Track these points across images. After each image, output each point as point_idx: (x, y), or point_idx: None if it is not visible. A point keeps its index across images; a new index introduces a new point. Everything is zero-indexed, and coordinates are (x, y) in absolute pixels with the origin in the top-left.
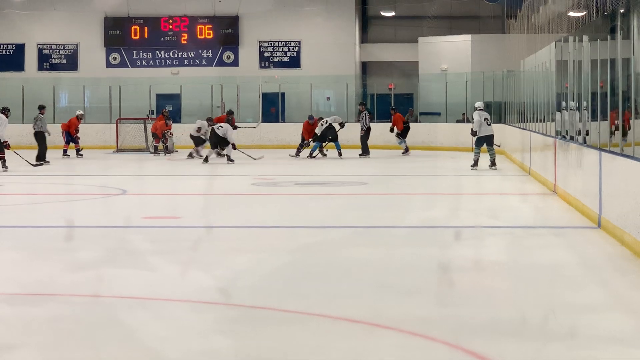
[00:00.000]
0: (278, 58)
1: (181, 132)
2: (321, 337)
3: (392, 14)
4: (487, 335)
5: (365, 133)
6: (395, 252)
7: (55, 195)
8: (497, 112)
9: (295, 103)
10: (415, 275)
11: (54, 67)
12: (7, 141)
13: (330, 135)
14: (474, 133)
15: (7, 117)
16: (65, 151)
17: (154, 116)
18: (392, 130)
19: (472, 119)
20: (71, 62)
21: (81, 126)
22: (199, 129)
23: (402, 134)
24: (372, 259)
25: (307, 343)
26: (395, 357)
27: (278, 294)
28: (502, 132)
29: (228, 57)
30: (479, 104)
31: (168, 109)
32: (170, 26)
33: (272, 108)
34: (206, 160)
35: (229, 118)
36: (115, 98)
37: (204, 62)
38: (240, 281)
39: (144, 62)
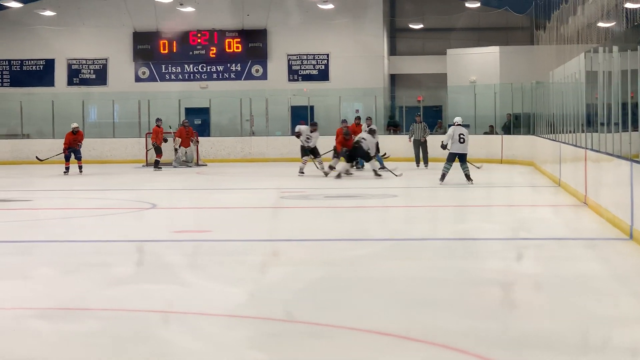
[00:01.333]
0: (307, 71)
1: (210, 146)
2: (353, 350)
3: (421, 26)
4: (519, 348)
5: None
6: (427, 264)
7: (86, 210)
8: (527, 123)
9: (324, 116)
10: (447, 288)
11: (84, 82)
12: None
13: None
14: (443, 147)
15: None
16: (67, 169)
17: (173, 130)
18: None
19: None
20: (100, 76)
21: (109, 140)
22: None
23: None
24: (403, 272)
25: (339, 357)
26: None
27: (309, 307)
28: (532, 144)
29: (257, 71)
30: (457, 119)
31: (197, 122)
32: (199, 40)
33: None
34: (339, 176)
35: (373, 128)
36: (144, 112)
37: (232, 75)
38: (272, 295)
39: (172, 76)
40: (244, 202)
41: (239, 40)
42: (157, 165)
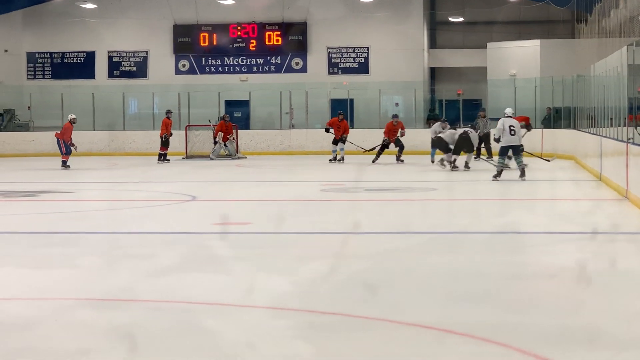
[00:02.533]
0: (346, 64)
1: (249, 139)
2: (393, 343)
3: (461, 19)
4: (560, 342)
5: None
6: (468, 258)
7: (127, 202)
8: (567, 117)
9: (364, 109)
10: (488, 282)
11: (124, 75)
12: None
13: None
14: (496, 140)
15: None
16: (64, 162)
17: (214, 122)
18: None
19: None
20: (141, 69)
21: (149, 133)
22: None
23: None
24: (444, 265)
25: (380, 350)
26: None
27: (350, 300)
28: (573, 138)
29: (297, 64)
30: (507, 110)
31: (237, 115)
32: (239, 33)
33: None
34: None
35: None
36: (184, 105)
37: (272, 68)
38: (315, 287)
39: (212, 69)
40: (283, 195)
41: (279, 33)
42: (161, 158)
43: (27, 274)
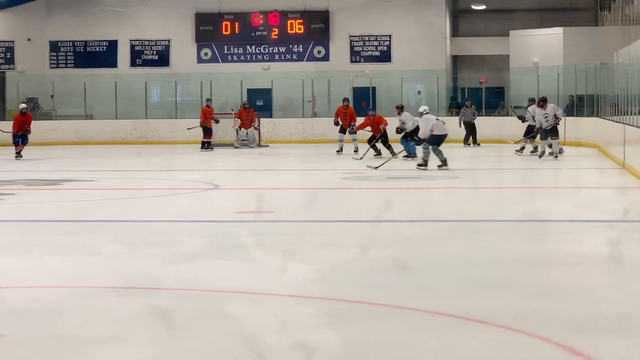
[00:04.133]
0: (369, 52)
1: (272, 127)
2: (415, 331)
3: (483, 7)
4: (583, 330)
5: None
6: (490, 246)
7: (150, 190)
8: (590, 105)
9: (386, 97)
10: (511, 269)
11: (146, 63)
12: None
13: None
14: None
15: None
16: (18, 153)
17: (234, 111)
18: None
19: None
20: (163, 58)
21: (171, 121)
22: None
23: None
24: (466, 253)
25: (403, 337)
26: (491, 352)
27: (374, 287)
28: (597, 126)
29: (319, 52)
30: (423, 108)
31: (259, 103)
32: (261, 21)
33: (363, 102)
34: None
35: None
36: (206, 93)
37: (294, 57)
38: (337, 275)
39: (234, 58)
40: (305, 183)
41: (301, 21)
42: (204, 146)
43: (52, 261)
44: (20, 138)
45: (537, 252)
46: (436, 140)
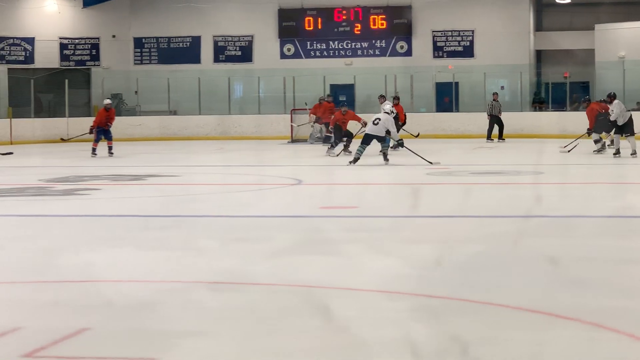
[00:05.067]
0: (451, 47)
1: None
2: (502, 327)
3: (568, 0)
4: None
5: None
6: (579, 242)
7: (235, 185)
8: None
9: (469, 93)
10: (599, 266)
11: (229, 59)
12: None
13: None
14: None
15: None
16: (93, 150)
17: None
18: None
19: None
20: (246, 53)
21: (254, 117)
22: None
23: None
24: (554, 249)
25: (489, 332)
26: (580, 348)
27: (460, 283)
28: None
29: (401, 47)
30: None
31: (341, 99)
32: (344, 17)
33: (446, 98)
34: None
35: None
36: (289, 89)
37: (377, 52)
38: (425, 271)
39: (317, 53)
40: (389, 179)
41: (383, 16)
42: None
43: (142, 255)
44: (104, 134)
45: (627, 249)
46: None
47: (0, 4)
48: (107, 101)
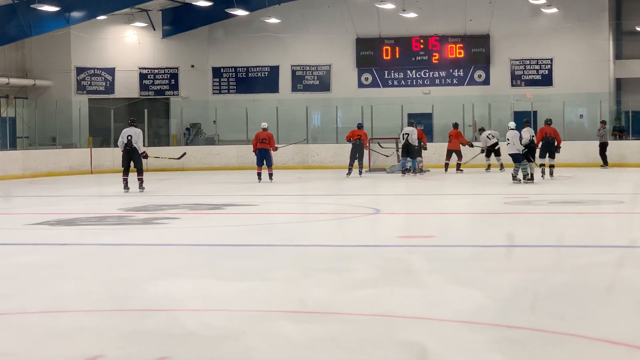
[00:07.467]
0: (529, 76)
1: (432, 152)
2: (585, 358)
3: None
4: None
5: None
6: None
7: (312, 214)
8: None
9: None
10: None
11: (307, 88)
12: (144, 152)
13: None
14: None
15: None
16: (259, 174)
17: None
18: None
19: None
20: (324, 82)
21: (333, 146)
22: None
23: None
24: (639, 280)
25: None
26: None
27: (544, 314)
28: None
29: (479, 76)
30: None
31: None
32: (422, 46)
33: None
34: None
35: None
36: (367, 118)
37: (455, 81)
38: (508, 301)
39: (395, 82)
40: (466, 208)
41: (461, 45)
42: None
43: (222, 285)
44: (265, 159)
45: None
46: None
47: (81, 35)
48: (264, 125)
